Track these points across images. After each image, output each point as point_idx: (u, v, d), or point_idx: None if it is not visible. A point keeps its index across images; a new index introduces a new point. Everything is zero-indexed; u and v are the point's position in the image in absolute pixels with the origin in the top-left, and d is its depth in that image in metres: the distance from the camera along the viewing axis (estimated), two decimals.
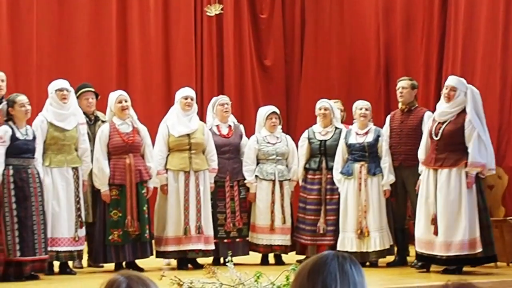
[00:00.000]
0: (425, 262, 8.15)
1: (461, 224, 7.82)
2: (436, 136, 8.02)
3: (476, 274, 7.96)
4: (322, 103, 9.07)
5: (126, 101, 8.45)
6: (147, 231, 8.37)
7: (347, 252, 8.23)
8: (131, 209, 8.27)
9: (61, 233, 8.07)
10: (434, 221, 7.91)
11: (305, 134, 9.05)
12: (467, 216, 7.82)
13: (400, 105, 8.82)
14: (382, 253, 8.60)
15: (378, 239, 8.49)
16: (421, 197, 8.09)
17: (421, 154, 8.20)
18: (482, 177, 8.08)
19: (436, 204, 7.91)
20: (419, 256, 8.18)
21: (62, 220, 8.08)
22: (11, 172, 7.66)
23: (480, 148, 7.89)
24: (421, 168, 8.17)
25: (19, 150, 7.71)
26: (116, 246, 8.25)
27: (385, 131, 8.76)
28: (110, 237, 8.24)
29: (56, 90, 8.24)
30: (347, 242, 8.55)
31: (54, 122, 8.15)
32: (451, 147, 7.96)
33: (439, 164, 7.96)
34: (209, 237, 8.58)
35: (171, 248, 8.50)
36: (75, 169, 8.20)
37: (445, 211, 7.86)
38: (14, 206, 7.63)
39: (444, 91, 8.10)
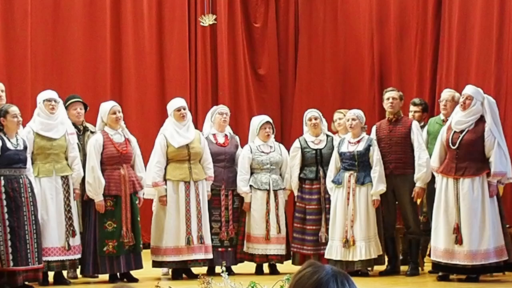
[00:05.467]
0: (443, 271, 8.14)
1: (486, 233, 7.90)
2: (454, 145, 8.03)
3: (486, 282, 8.09)
4: (311, 113, 9.07)
5: (119, 112, 8.45)
6: (141, 242, 8.37)
7: (332, 260, 8.32)
8: (126, 220, 8.26)
9: (50, 242, 8.05)
10: (456, 230, 7.92)
11: (296, 144, 9.03)
12: (492, 225, 7.91)
13: (388, 115, 8.83)
14: (369, 263, 8.58)
15: (364, 248, 8.47)
16: (438, 206, 8.08)
17: (435, 162, 8.21)
18: (502, 185, 8.18)
19: (458, 213, 7.93)
20: (436, 265, 8.17)
21: (51, 230, 8.05)
22: (2, 182, 7.67)
23: (501, 157, 7.97)
24: (437, 176, 8.17)
25: (11, 160, 7.71)
26: (111, 257, 8.23)
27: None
28: (104, 248, 8.21)
29: (44, 101, 8.25)
30: (334, 250, 8.55)
31: (40, 132, 8.15)
32: (472, 156, 8.00)
33: (461, 173, 7.99)
34: (208, 246, 8.60)
35: (170, 258, 8.48)
36: (65, 178, 8.19)
37: (470, 220, 7.90)
38: (6, 216, 7.63)
39: (461, 99, 8.11)
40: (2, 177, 7.66)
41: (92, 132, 8.68)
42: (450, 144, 8.06)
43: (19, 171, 7.77)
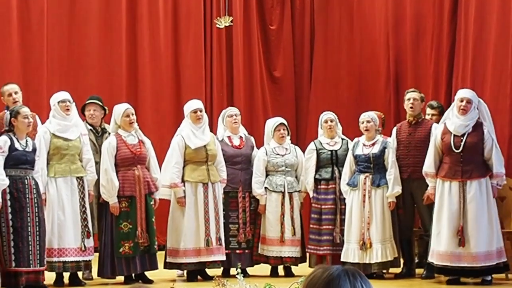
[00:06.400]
0: (448, 274, 8.11)
1: (494, 234, 7.94)
2: (457, 149, 8.01)
3: (500, 285, 8.12)
4: (327, 115, 9.07)
5: (133, 115, 8.46)
6: (156, 243, 8.38)
7: (349, 263, 8.31)
8: (141, 221, 8.26)
9: (67, 243, 8.07)
10: (460, 233, 7.90)
11: (311, 146, 9.02)
12: (495, 226, 7.96)
13: (408, 116, 8.81)
14: (385, 265, 8.57)
15: (380, 250, 8.46)
16: (440, 211, 8.04)
17: (431, 168, 8.18)
18: (499, 187, 8.20)
19: (464, 216, 7.90)
20: (440, 269, 8.13)
21: (67, 230, 8.08)
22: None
23: (499, 159, 8.06)
24: (438, 181, 8.13)
25: (17, 160, 7.72)
26: (127, 258, 8.24)
27: (392, 143, 8.75)
28: (121, 250, 8.23)
29: (58, 102, 8.29)
30: (350, 253, 8.54)
31: (56, 133, 8.18)
32: (475, 158, 8.03)
33: (467, 176, 7.99)
34: (224, 247, 8.61)
35: (190, 259, 8.47)
36: (80, 179, 8.21)
37: (479, 222, 7.91)
38: (9, 216, 7.65)
39: (460, 103, 8.09)
40: (7, 177, 7.65)
41: (110, 134, 8.70)
42: (453, 148, 8.04)
43: (25, 172, 7.78)
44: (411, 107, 8.78)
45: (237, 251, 8.81)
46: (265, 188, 8.90)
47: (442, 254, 8.02)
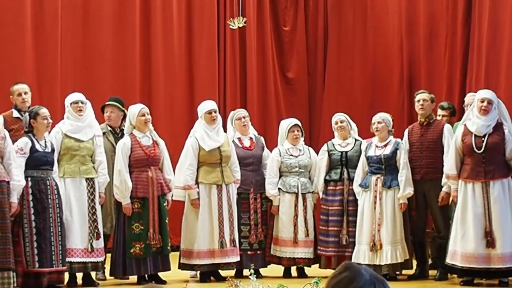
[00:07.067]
0: (473, 276, 8.07)
1: None
2: (479, 150, 8.00)
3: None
4: (337, 116, 9.07)
5: (148, 114, 8.47)
6: (169, 244, 8.39)
7: (359, 264, 8.28)
8: (153, 222, 8.27)
9: (74, 243, 8.07)
10: (489, 234, 7.87)
11: (324, 147, 9.02)
12: None
13: (419, 118, 8.80)
14: (395, 267, 8.55)
15: (390, 252, 8.43)
16: (464, 212, 7.98)
17: (452, 170, 8.15)
18: None
19: (489, 216, 7.89)
20: (464, 271, 8.08)
21: (74, 231, 8.07)
22: (29, 183, 7.70)
23: None
24: (460, 182, 8.09)
25: (38, 162, 7.76)
26: (138, 259, 8.24)
27: (404, 144, 8.72)
28: (131, 250, 8.23)
29: (71, 103, 8.31)
30: (361, 254, 8.52)
31: (68, 133, 8.20)
32: (497, 159, 8.01)
33: (490, 176, 7.96)
34: (237, 249, 8.62)
35: (203, 261, 8.47)
36: (90, 180, 8.21)
37: (503, 222, 7.88)
38: (32, 217, 7.67)
39: (481, 104, 8.05)
40: (29, 178, 7.70)
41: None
42: (475, 148, 8.02)
43: (46, 173, 7.81)
44: (421, 108, 8.77)
45: (249, 252, 8.81)
46: (279, 189, 8.90)
47: (469, 256, 7.94)
